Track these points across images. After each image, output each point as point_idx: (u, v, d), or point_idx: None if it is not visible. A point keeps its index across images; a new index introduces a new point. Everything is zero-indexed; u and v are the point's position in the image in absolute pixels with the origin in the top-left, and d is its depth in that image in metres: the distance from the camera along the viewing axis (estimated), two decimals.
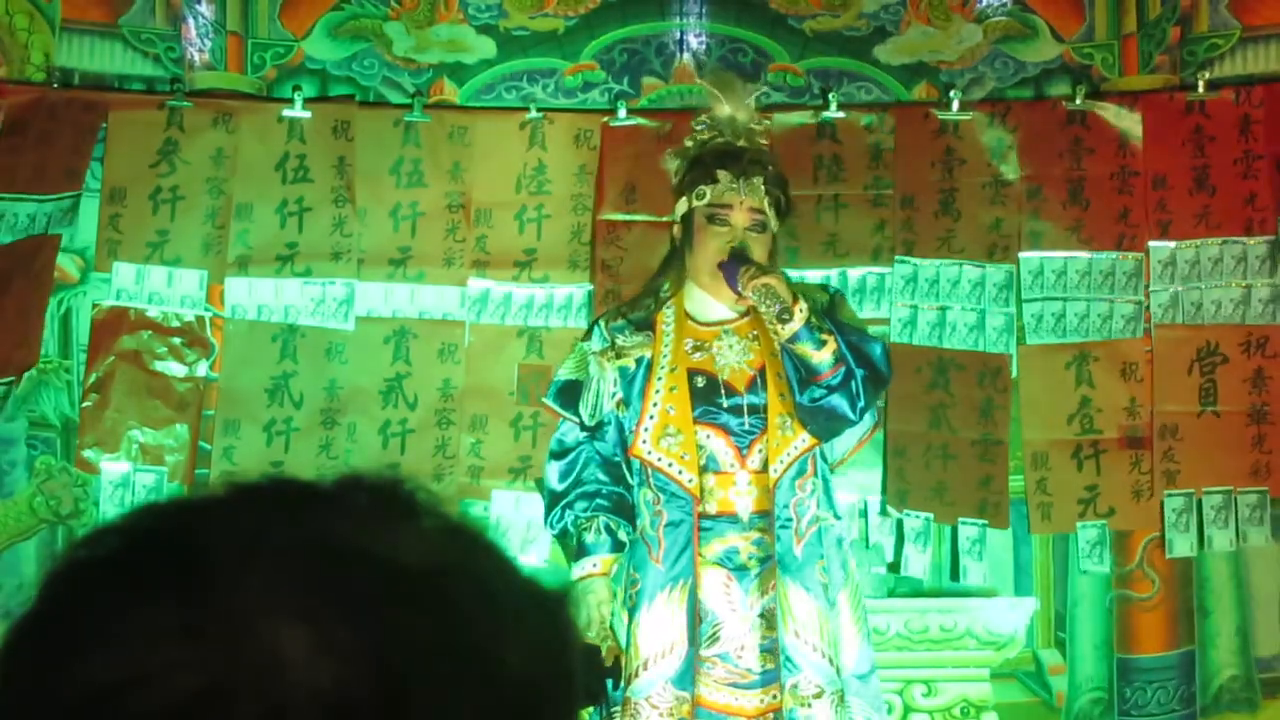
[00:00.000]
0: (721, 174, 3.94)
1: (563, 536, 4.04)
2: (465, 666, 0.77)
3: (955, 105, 5.12)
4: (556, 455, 4.05)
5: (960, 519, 5.04)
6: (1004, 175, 5.10)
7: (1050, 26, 5.27)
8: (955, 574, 5.10)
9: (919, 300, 5.09)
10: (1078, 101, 5.11)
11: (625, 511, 3.98)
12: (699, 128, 4.08)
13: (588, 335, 4.15)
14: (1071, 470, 5.03)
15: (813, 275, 5.02)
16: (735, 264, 3.86)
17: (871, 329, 4.98)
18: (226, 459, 5.01)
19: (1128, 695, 5.18)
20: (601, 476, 4.00)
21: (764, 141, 4.10)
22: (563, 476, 4.02)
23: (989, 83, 5.29)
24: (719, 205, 3.93)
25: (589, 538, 3.96)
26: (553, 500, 4.02)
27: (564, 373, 4.13)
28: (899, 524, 5.05)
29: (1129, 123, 5.09)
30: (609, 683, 3.93)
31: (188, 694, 0.72)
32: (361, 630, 0.74)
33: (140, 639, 0.74)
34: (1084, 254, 5.06)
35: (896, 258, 5.10)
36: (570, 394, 4.06)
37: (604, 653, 3.90)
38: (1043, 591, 5.27)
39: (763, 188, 3.94)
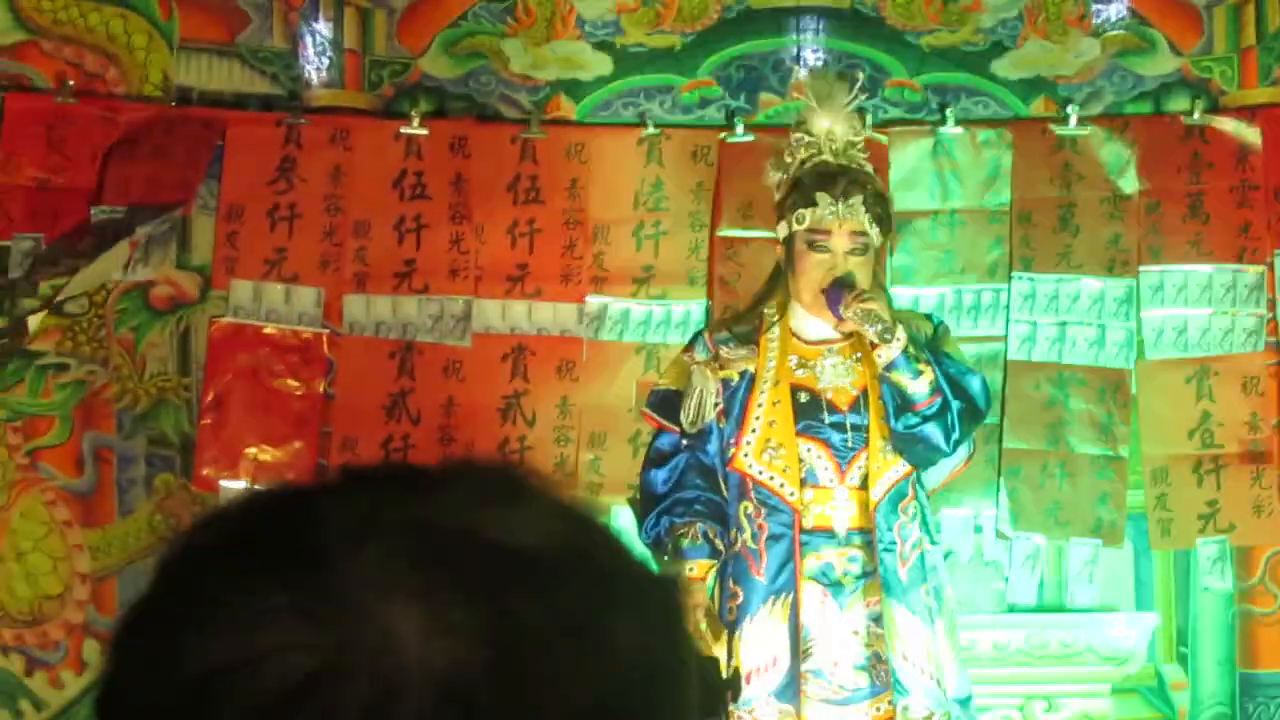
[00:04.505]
0: (820, 197, 3.92)
1: (656, 545, 4.00)
2: (579, 647, 0.76)
3: (1073, 120, 5.11)
4: (656, 463, 4.05)
5: (1074, 538, 5.03)
6: (1122, 190, 5.09)
7: (1168, 40, 5.24)
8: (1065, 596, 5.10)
9: (1037, 316, 5.08)
10: (1196, 116, 5.10)
11: (722, 520, 3.97)
12: (797, 143, 4.07)
13: (689, 347, 4.16)
14: (1191, 486, 5.01)
15: (928, 292, 5.04)
16: (838, 291, 3.87)
17: (989, 346, 5.04)
18: None
19: (1250, 711, 5.15)
20: (700, 483, 4.00)
21: (863, 157, 4.09)
22: (664, 483, 4.01)
23: (1107, 97, 5.26)
24: (818, 230, 3.93)
25: (686, 543, 3.95)
26: (651, 505, 4.00)
27: (664, 383, 4.15)
28: (1009, 547, 5.05)
29: (1248, 136, 5.08)
30: (727, 696, 3.91)
31: (301, 674, 0.72)
32: (475, 610, 0.74)
33: (253, 620, 0.74)
34: (1205, 268, 5.05)
35: (1014, 273, 5.09)
36: (670, 404, 4.06)
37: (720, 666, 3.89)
38: (1164, 607, 5.23)
39: (862, 208, 3.93)
